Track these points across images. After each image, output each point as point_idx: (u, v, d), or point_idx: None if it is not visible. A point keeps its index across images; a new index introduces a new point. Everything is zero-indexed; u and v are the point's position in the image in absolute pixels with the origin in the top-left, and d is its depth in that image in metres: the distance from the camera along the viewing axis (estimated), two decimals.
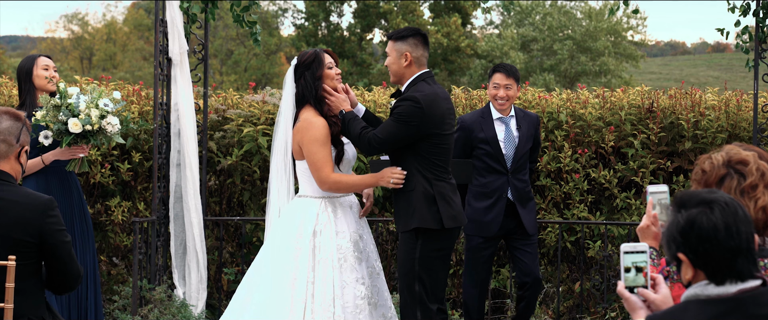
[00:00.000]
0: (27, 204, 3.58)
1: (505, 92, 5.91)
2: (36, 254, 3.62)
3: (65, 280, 3.70)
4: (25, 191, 3.65)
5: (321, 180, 4.72)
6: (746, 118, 7.21)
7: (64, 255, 3.64)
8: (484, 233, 5.91)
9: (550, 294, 7.09)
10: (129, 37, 43.32)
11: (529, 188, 6.02)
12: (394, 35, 4.89)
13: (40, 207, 3.59)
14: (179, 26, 6.38)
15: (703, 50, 68.89)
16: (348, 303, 4.68)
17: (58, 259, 3.64)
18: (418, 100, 4.70)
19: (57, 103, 5.23)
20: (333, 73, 4.85)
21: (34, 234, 3.57)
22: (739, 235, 2.50)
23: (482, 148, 5.93)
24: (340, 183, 4.74)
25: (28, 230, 3.57)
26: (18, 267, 3.55)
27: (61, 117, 5.25)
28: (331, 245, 4.72)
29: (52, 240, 3.60)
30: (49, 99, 5.26)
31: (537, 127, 6.07)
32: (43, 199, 3.63)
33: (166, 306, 6.20)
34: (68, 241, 3.64)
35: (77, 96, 5.28)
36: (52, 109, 5.22)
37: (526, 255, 5.96)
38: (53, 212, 3.61)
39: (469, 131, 5.95)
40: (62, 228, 3.64)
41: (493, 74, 5.98)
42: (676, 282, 3.07)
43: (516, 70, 6.00)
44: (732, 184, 3.06)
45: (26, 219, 3.56)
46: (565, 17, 36.09)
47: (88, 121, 5.28)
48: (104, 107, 5.32)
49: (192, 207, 6.36)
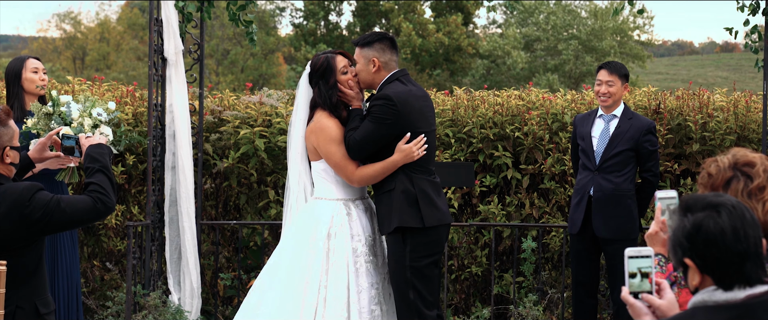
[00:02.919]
0: (5, 195, 3.66)
1: (607, 89, 5.91)
2: (30, 242, 3.70)
3: (90, 222, 3.88)
4: (7, 185, 3.70)
5: (348, 178, 4.73)
6: (755, 120, 7.15)
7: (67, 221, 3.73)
8: (571, 229, 6.00)
9: (554, 300, 6.98)
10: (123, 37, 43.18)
11: (619, 193, 5.86)
12: (359, 42, 4.86)
13: (18, 198, 3.66)
14: (174, 25, 6.33)
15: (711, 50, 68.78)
16: (364, 309, 4.66)
17: (64, 225, 3.74)
18: (390, 98, 4.68)
19: (49, 110, 5.11)
20: (346, 78, 4.82)
21: (20, 223, 3.64)
22: (747, 239, 2.47)
23: (580, 143, 6.01)
24: (368, 175, 4.73)
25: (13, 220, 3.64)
26: (8, 257, 3.61)
27: (53, 125, 5.13)
28: (346, 248, 4.69)
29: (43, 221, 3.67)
30: (40, 107, 5.14)
31: (645, 133, 5.90)
32: (19, 189, 3.69)
33: (160, 312, 6.13)
34: (61, 208, 3.68)
35: (69, 104, 5.16)
36: (43, 117, 5.10)
37: (589, 262, 5.98)
38: (29, 200, 3.65)
39: (575, 127, 6.09)
40: (47, 206, 3.67)
41: (597, 71, 6.02)
42: (683, 288, 3.01)
43: (621, 68, 5.97)
44: (739, 187, 3.00)
45: (8, 211, 3.62)
46: (569, 16, 35.94)
47: (80, 130, 5.16)
48: (97, 116, 5.21)
49: (185, 212, 6.27)
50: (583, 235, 5.94)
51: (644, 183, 5.94)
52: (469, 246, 7.10)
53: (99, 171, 3.93)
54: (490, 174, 7.09)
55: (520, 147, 7.13)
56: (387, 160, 4.72)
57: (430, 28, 32.19)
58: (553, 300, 7.01)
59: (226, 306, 7.00)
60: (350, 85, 4.81)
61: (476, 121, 7.08)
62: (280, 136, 6.97)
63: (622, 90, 5.93)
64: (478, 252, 7.05)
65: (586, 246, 5.96)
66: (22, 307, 3.75)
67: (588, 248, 5.97)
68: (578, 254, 5.99)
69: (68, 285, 5.54)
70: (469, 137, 7.12)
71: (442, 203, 4.80)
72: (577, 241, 6.00)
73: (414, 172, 4.72)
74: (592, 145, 5.93)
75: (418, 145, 4.69)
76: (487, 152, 7.08)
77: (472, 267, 7.02)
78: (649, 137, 5.89)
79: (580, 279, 5.99)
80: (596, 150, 5.92)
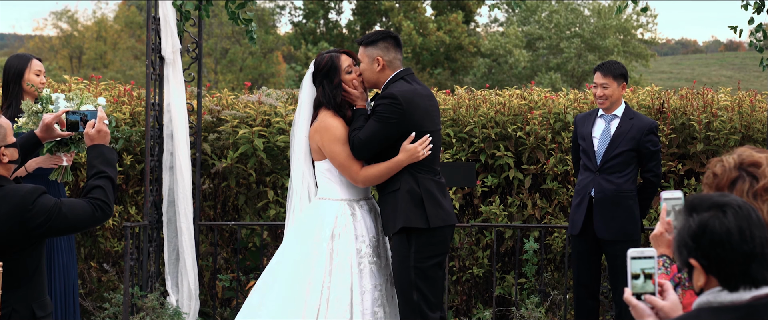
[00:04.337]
0: (6, 198, 3.64)
1: (602, 91, 5.88)
2: (28, 245, 3.69)
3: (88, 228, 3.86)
4: (9, 187, 3.67)
5: (352, 178, 4.69)
6: (760, 119, 7.11)
7: (67, 227, 3.71)
8: (571, 230, 5.96)
9: (556, 302, 6.93)
10: (120, 35, 43.08)
11: (621, 193, 5.80)
12: (363, 40, 4.83)
13: (20, 202, 3.63)
14: (172, 24, 6.29)
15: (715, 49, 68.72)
16: (366, 310, 4.63)
17: (64, 231, 3.72)
18: (396, 97, 4.64)
19: (38, 108, 5.06)
20: (350, 78, 4.78)
21: (21, 227, 3.61)
22: (753, 240, 2.46)
23: (581, 144, 5.98)
24: (373, 175, 4.69)
25: (13, 224, 3.61)
26: (6, 260, 3.60)
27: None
28: (350, 249, 4.66)
29: (44, 227, 3.64)
30: (31, 105, 5.08)
31: (646, 133, 5.84)
32: (21, 193, 3.65)
33: (158, 314, 6.08)
34: (63, 213, 3.66)
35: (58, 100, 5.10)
36: (33, 115, 5.05)
37: (591, 263, 5.93)
38: (32, 204, 3.62)
39: (576, 127, 6.05)
40: (49, 212, 3.65)
41: (593, 73, 6.01)
42: (687, 290, 3.02)
43: (616, 68, 5.92)
44: (744, 187, 3.00)
45: (8, 214, 3.60)
46: (572, 15, 35.88)
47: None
48: None
49: (182, 213, 6.22)
50: (585, 236, 5.90)
51: (646, 184, 5.88)
52: (471, 247, 7.05)
53: (104, 177, 3.91)
54: (491, 175, 7.04)
55: (522, 147, 7.08)
56: (392, 159, 4.68)
57: (431, 27, 32.17)
58: (556, 301, 6.96)
59: (225, 308, 6.95)
60: (355, 84, 4.78)
61: (478, 120, 7.04)
62: (279, 136, 6.92)
63: (619, 90, 5.87)
64: (480, 253, 7.00)
65: (587, 247, 5.91)
66: (18, 310, 3.72)
67: (589, 249, 5.92)
68: (579, 255, 5.95)
69: (65, 286, 5.51)
70: (471, 137, 7.08)
71: (448, 203, 4.76)
72: (578, 242, 5.95)
73: (419, 172, 4.68)
74: (593, 146, 5.88)
75: (423, 145, 4.65)
76: (488, 152, 7.04)
77: (473, 269, 6.98)
78: (651, 137, 5.84)
79: (581, 281, 5.94)
80: (597, 150, 5.87)
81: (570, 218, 5.96)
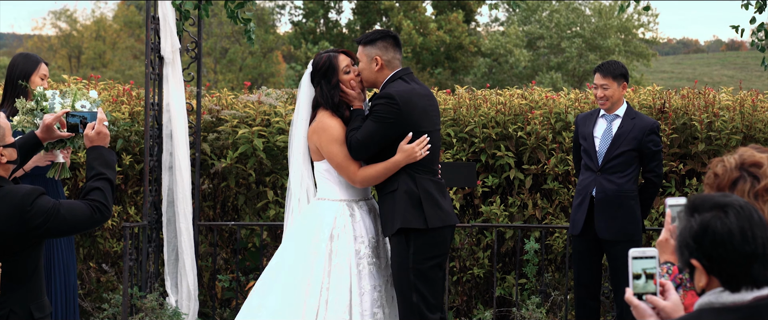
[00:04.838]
0: (5, 198, 3.63)
1: (602, 92, 5.87)
2: (27, 246, 3.68)
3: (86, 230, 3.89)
4: (8, 188, 3.66)
5: (350, 179, 4.68)
6: (762, 119, 7.10)
7: (66, 228, 3.71)
8: (572, 230, 5.95)
9: (557, 302, 6.91)
10: (119, 35, 42.98)
11: (622, 194, 5.79)
12: (362, 40, 4.81)
13: (19, 202, 3.62)
14: (171, 23, 6.28)
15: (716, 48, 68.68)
16: (366, 311, 4.61)
17: (62, 232, 3.73)
18: (393, 97, 4.61)
19: (32, 106, 5.03)
20: (348, 78, 4.76)
21: (19, 228, 3.61)
22: (755, 240, 2.45)
23: (582, 144, 5.97)
24: (370, 176, 4.67)
25: (11, 225, 3.61)
26: (5, 261, 3.61)
27: (37, 121, 5.05)
28: (349, 250, 4.64)
29: (42, 228, 3.64)
30: (25, 103, 5.06)
31: (648, 133, 5.83)
32: (20, 194, 3.64)
33: (157, 314, 6.08)
34: (61, 215, 3.66)
35: (52, 97, 5.08)
36: (27, 113, 5.02)
37: (592, 263, 5.90)
38: (31, 205, 3.62)
39: (577, 126, 6.04)
40: (48, 213, 3.64)
41: (593, 74, 6.00)
42: (688, 291, 3.02)
43: (616, 68, 5.89)
44: (745, 187, 3.00)
45: (7, 215, 3.60)
46: (573, 14, 35.86)
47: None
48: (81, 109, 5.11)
49: (181, 213, 6.21)
50: (586, 236, 5.88)
51: (647, 184, 5.86)
52: (471, 247, 7.04)
53: (103, 179, 3.90)
54: (492, 175, 7.03)
55: (522, 147, 7.06)
56: (389, 160, 4.65)
57: (431, 26, 32.15)
58: (557, 302, 6.94)
59: (224, 308, 6.94)
60: (352, 85, 4.76)
61: (478, 120, 7.02)
62: (279, 136, 6.90)
63: (619, 91, 5.86)
64: (480, 253, 6.99)
65: (588, 247, 5.90)
66: (16, 311, 3.71)
67: (590, 249, 5.91)
68: (580, 255, 5.93)
69: (64, 287, 5.49)
70: (471, 137, 7.06)
71: (447, 204, 4.73)
72: (579, 242, 5.94)
73: (417, 172, 4.66)
74: (594, 146, 5.87)
75: (421, 145, 4.63)
76: (489, 152, 7.02)
77: (474, 269, 6.96)
78: (653, 137, 5.82)
79: (582, 281, 5.92)
80: (598, 150, 5.86)
81: (571, 218, 5.95)
